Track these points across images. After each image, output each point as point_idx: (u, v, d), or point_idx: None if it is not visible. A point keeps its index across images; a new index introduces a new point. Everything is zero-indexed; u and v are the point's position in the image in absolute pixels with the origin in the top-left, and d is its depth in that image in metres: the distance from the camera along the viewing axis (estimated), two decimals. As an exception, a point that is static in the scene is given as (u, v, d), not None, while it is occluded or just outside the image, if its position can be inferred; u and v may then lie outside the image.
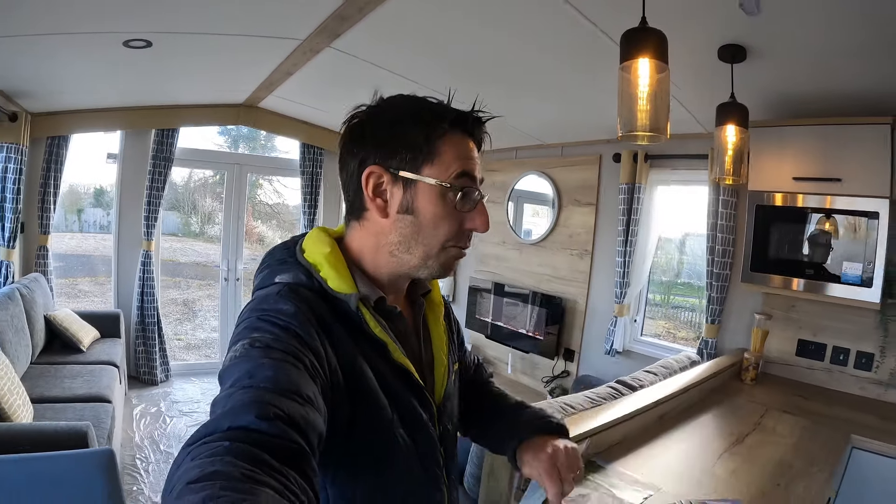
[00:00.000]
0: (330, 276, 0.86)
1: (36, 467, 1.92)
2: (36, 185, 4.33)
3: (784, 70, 2.45)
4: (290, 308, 0.78)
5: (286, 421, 0.60)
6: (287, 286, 0.84)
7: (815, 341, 2.99)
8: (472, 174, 0.88)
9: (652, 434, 2.02)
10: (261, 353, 0.70)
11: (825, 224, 2.71)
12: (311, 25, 2.73)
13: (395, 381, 0.86)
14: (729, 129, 2.40)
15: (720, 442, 2.04)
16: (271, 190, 8.53)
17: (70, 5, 2.43)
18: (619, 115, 1.68)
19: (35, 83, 3.64)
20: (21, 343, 3.44)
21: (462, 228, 0.89)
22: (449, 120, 0.87)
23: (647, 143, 1.80)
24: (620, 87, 1.67)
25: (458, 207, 0.87)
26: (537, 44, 2.66)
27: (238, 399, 0.62)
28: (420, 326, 1.01)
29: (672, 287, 4.49)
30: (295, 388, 0.66)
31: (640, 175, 3.70)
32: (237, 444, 0.55)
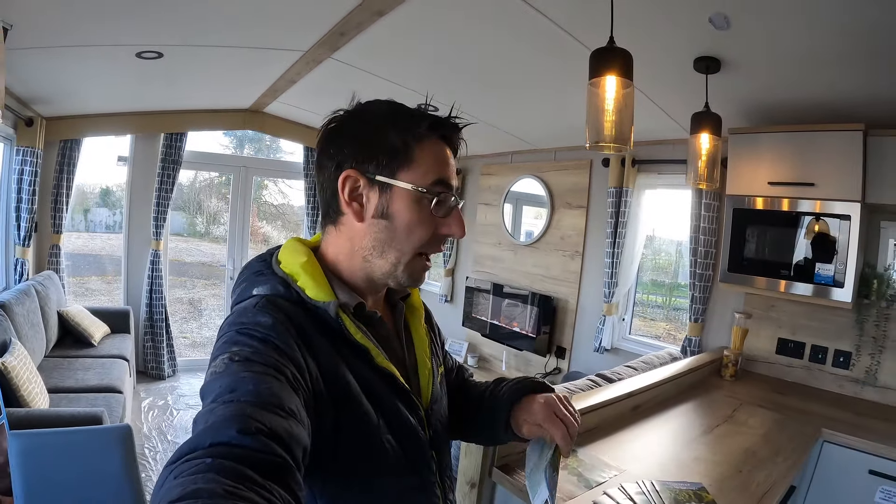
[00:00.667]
0: (307, 286, 0.85)
1: (61, 440, 2.10)
2: (49, 186, 4.50)
3: (758, 79, 2.55)
4: (269, 320, 0.77)
5: (269, 435, 0.60)
6: (264, 298, 0.83)
7: (794, 340, 3.08)
8: (448, 181, 0.87)
9: (625, 423, 2.14)
10: (241, 366, 0.69)
11: (801, 227, 2.78)
12: (313, 39, 2.89)
13: (380, 387, 0.85)
14: (703, 137, 2.51)
15: (690, 431, 2.14)
16: (276, 191, 8.53)
17: (88, 21, 2.60)
18: (588, 127, 1.78)
19: (51, 90, 3.80)
20: (37, 337, 3.61)
21: (437, 234, 0.88)
22: (426, 125, 0.87)
23: (613, 152, 1.93)
24: (589, 101, 1.77)
25: (434, 213, 0.86)
26: (528, 56, 2.79)
27: (219, 414, 0.61)
28: (401, 330, 1.00)
29: (674, 289, 4.58)
30: (277, 402, 0.65)
31: (627, 179, 3.82)
32: (219, 460, 0.54)
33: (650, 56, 2.40)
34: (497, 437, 1.08)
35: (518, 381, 1.08)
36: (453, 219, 0.89)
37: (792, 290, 2.80)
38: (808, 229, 2.75)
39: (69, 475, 2.06)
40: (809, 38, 2.11)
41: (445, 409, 1.04)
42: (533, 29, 2.40)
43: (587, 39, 2.38)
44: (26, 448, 2.01)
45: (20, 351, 2.88)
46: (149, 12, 2.56)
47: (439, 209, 0.87)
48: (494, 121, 4.06)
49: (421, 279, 0.92)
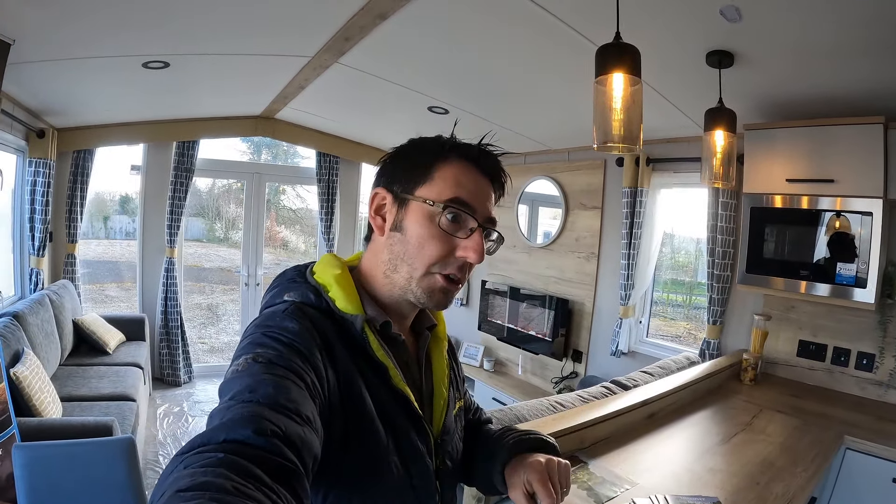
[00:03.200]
0: (338, 297, 0.86)
1: (66, 451, 2.10)
2: (63, 196, 4.56)
3: (772, 73, 2.48)
4: (295, 326, 0.78)
5: (283, 439, 0.60)
6: (294, 304, 0.84)
7: (815, 342, 2.99)
8: (466, 201, 0.87)
9: (639, 432, 2.05)
10: (263, 368, 0.70)
11: (821, 225, 2.70)
12: (318, 44, 2.87)
13: (393, 408, 0.85)
14: (717, 134, 2.43)
15: (706, 440, 2.06)
16: (294, 195, 8.58)
17: (93, 33, 2.61)
18: (595, 127, 1.72)
19: (62, 102, 3.84)
20: (51, 346, 3.63)
21: (452, 254, 0.87)
22: (449, 146, 0.91)
23: (622, 153, 1.87)
24: (596, 100, 1.70)
25: (447, 230, 0.86)
26: (538, 55, 2.74)
27: (236, 412, 0.62)
28: (422, 358, 0.99)
29: (694, 287, 4.50)
30: (294, 407, 0.65)
31: (642, 178, 3.75)
32: (231, 456, 0.55)
33: (662, 51, 2.35)
34: (490, 483, 1.04)
35: (527, 434, 1.06)
36: (471, 241, 0.87)
37: (812, 292, 2.72)
38: (828, 227, 2.67)
39: (73, 487, 2.06)
40: (825, 29, 2.03)
41: (458, 444, 1.04)
42: (541, 27, 2.35)
43: (596, 36, 2.31)
44: (31, 459, 2.02)
45: (32, 361, 2.90)
46: (151, 24, 2.58)
47: (455, 228, 0.87)
48: (506, 122, 4.00)
49: (440, 298, 0.90)
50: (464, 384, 1.16)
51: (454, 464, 1.00)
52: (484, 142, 0.93)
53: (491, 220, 0.91)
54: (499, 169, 0.94)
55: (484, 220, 0.89)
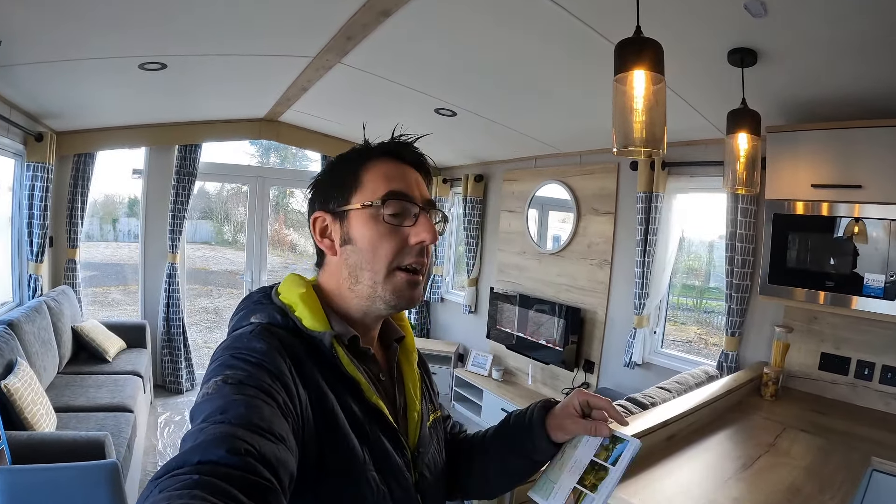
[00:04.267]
0: (304, 316, 0.86)
1: (43, 477, 2.00)
2: (64, 200, 4.49)
3: (797, 72, 2.36)
4: (263, 346, 0.77)
5: (257, 457, 0.60)
6: (260, 325, 0.84)
7: (838, 355, 2.85)
8: (400, 191, 0.89)
9: (657, 457, 1.93)
10: (233, 389, 0.69)
11: (847, 233, 2.56)
12: (319, 44, 2.77)
13: (368, 423, 0.85)
14: (741, 137, 2.31)
15: (728, 465, 1.94)
16: (302, 198, 8.62)
17: (87, 34, 2.53)
18: (615, 129, 1.62)
19: (60, 105, 3.77)
20: (48, 354, 3.55)
21: (406, 244, 0.88)
22: (367, 150, 0.93)
23: (644, 157, 1.75)
24: (615, 100, 1.60)
25: (393, 223, 0.88)
26: (550, 55, 2.63)
27: (209, 433, 0.61)
28: (394, 370, 1.00)
29: (704, 291, 4.38)
30: (267, 426, 0.65)
31: (657, 183, 3.61)
32: (206, 477, 0.54)
33: (679, 49, 2.22)
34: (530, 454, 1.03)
35: (536, 403, 1.07)
36: (420, 225, 0.89)
37: (839, 304, 2.57)
38: (856, 236, 2.53)
39: (56, 513, 1.95)
40: (855, 23, 1.89)
41: (438, 456, 1.02)
42: (553, 24, 2.24)
43: (612, 32, 2.21)
44: (11, 484, 1.91)
45: (25, 371, 2.81)
46: (145, 24, 2.49)
47: (400, 219, 0.88)
48: (516, 124, 3.89)
49: (409, 294, 0.90)
50: (437, 396, 1.14)
51: (434, 477, 0.98)
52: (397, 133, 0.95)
53: (430, 203, 0.92)
54: (418, 155, 0.95)
55: (424, 203, 0.91)
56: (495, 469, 1.08)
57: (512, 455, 1.04)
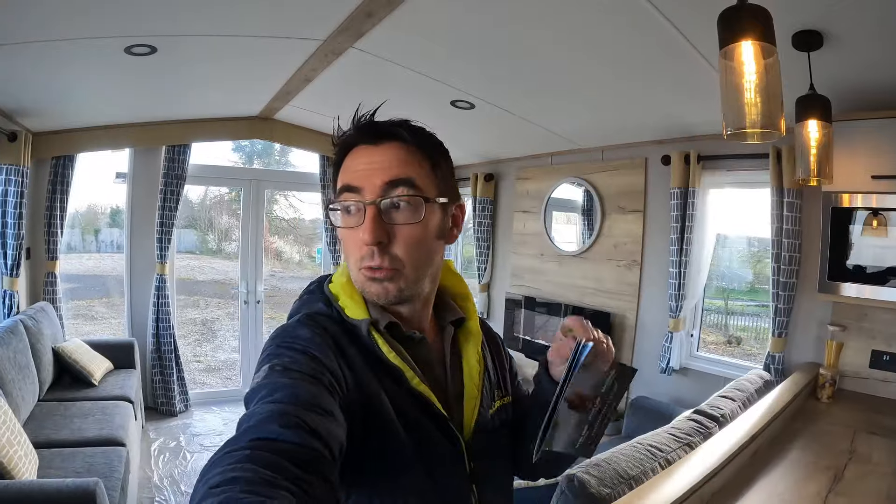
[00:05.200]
0: (346, 305, 0.87)
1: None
2: (41, 208, 4.11)
3: (861, 57, 2.18)
4: (307, 333, 0.80)
5: (308, 431, 0.61)
6: (307, 315, 0.86)
7: (889, 352, 2.71)
8: (350, 185, 0.83)
9: (749, 476, 1.77)
10: (280, 374, 0.71)
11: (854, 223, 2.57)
12: (333, 24, 2.45)
13: (414, 410, 0.83)
14: (811, 125, 2.16)
15: (820, 478, 1.79)
16: (287, 205, 8.49)
17: (64, 7, 2.16)
18: (724, 112, 1.46)
19: (36, 100, 3.42)
20: (26, 380, 3.18)
21: (362, 247, 0.82)
22: (338, 147, 0.88)
23: (759, 140, 1.55)
24: (722, 78, 1.44)
25: (346, 225, 0.84)
26: (576, 37, 2.41)
27: (260, 413, 0.63)
28: (446, 355, 0.95)
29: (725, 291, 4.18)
30: (315, 401, 0.67)
31: (693, 178, 3.37)
32: (258, 452, 0.55)
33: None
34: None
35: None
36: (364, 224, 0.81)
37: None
38: (864, 227, 2.56)
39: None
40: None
41: (501, 444, 0.99)
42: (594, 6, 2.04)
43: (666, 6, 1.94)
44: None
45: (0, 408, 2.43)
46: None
47: (353, 220, 0.83)
48: (537, 118, 3.61)
49: (374, 288, 0.84)
50: (514, 378, 1.11)
51: (495, 465, 0.95)
52: (359, 114, 0.87)
53: (393, 184, 0.81)
54: (378, 125, 0.85)
55: (379, 190, 0.81)
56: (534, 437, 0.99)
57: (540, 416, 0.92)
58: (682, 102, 2.98)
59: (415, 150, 0.85)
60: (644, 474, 1.68)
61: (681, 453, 1.87)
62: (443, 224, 0.89)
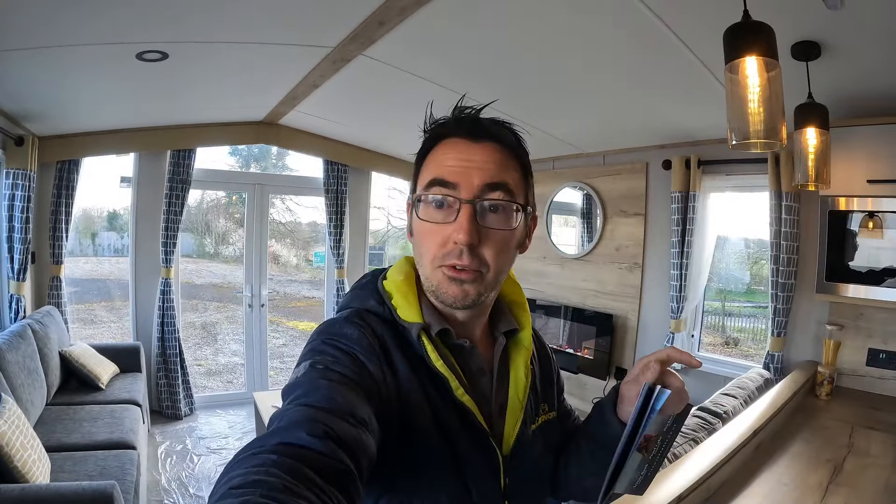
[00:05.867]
0: (400, 305, 0.85)
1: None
2: (46, 212, 4.11)
3: (858, 66, 2.25)
4: (354, 332, 0.78)
5: (336, 441, 0.60)
6: (356, 311, 0.85)
7: (886, 350, 2.79)
8: (445, 179, 0.79)
9: (753, 468, 1.85)
10: (320, 374, 0.70)
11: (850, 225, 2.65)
12: (344, 32, 2.48)
13: (454, 420, 0.81)
14: (809, 132, 2.25)
15: (821, 470, 1.87)
16: (284, 208, 8.48)
17: (77, 14, 2.19)
18: (730, 122, 1.55)
19: (43, 105, 3.42)
20: (35, 385, 3.19)
21: (448, 243, 0.79)
22: (430, 133, 0.85)
23: (762, 150, 1.61)
24: (728, 90, 1.54)
25: (432, 220, 0.80)
26: (579, 45, 2.46)
27: (292, 416, 0.62)
28: (495, 366, 0.91)
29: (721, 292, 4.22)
30: (349, 410, 0.65)
31: (693, 182, 3.45)
32: (284, 458, 0.55)
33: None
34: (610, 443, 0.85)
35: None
36: (455, 222, 0.78)
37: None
38: (860, 229, 2.64)
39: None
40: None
41: (541, 462, 0.95)
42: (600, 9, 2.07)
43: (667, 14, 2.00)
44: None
45: (12, 411, 2.44)
46: (148, 5, 2.17)
47: (442, 214, 0.80)
48: (540, 123, 3.64)
49: (453, 290, 0.81)
50: (560, 394, 1.08)
51: (531, 483, 0.92)
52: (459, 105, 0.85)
53: (493, 187, 0.79)
54: (484, 124, 0.83)
55: (477, 191, 0.79)
56: (586, 464, 0.96)
57: (594, 445, 0.92)
58: (683, 108, 3.03)
59: (512, 155, 0.84)
60: None
61: (687, 448, 1.92)
62: (524, 233, 0.88)
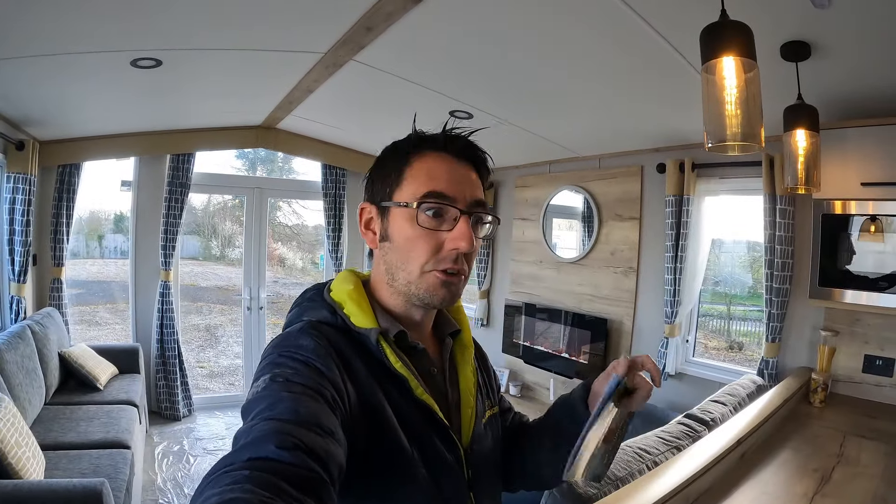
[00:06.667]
0: (353, 313, 0.87)
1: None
2: (48, 215, 4.17)
3: (850, 66, 2.21)
4: (310, 343, 0.79)
5: (306, 451, 0.60)
6: (310, 323, 0.86)
7: (882, 356, 2.75)
8: (441, 192, 0.85)
9: (736, 478, 1.80)
10: (281, 386, 0.70)
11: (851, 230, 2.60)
12: (334, 37, 2.51)
13: (417, 419, 0.84)
14: (799, 134, 2.20)
15: (807, 480, 1.82)
16: (290, 211, 8.53)
17: (71, 22, 2.23)
18: (706, 124, 1.50)
19: (43, 110, 3.48)
20: (33, 385, 3.24)
21: (441, 250, 0.85)
22: (415, 143, 0.89)
23: (739, 153, 1.59)
24: (705, 92, 1.49)
25: (429, 227, 0.84)
26: (572, 49, 2.45)
27: (259, 430, 0.62)
28: (446, 365, 0.98)
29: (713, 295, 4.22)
30: (315, 420, 0.65)
31: (688, 185, 3.43)
32: (257, 472, 0.55)
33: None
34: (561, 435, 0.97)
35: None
36: (456, 231, 0.85)
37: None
38: (861, 232, 2.59)
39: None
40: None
41: (493, 453, 1.01)
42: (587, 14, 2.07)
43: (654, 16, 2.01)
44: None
45: (8, 409, 2.49)
46: (142, 14, 2.21)
47: (437, 223, 0.85)
48: (534, 127, 3.66)
49: (444, 294, 0.87)
50: (498, 390, 1.13)
51: (489, 473, 0.98)
52: (449, 126, 0.92)
53: (479, 204, 0.88)
54: (473, 148, 0.92)
55: (468, 205, 0.87)
56: (546, 456, 1.04)
57: (560, 438, 0.98)
58: (676, 111, 3.03)
59: (484, 178, 0.94)
60: (631, 475, 1.71)
61: (669, 455, 1.89)
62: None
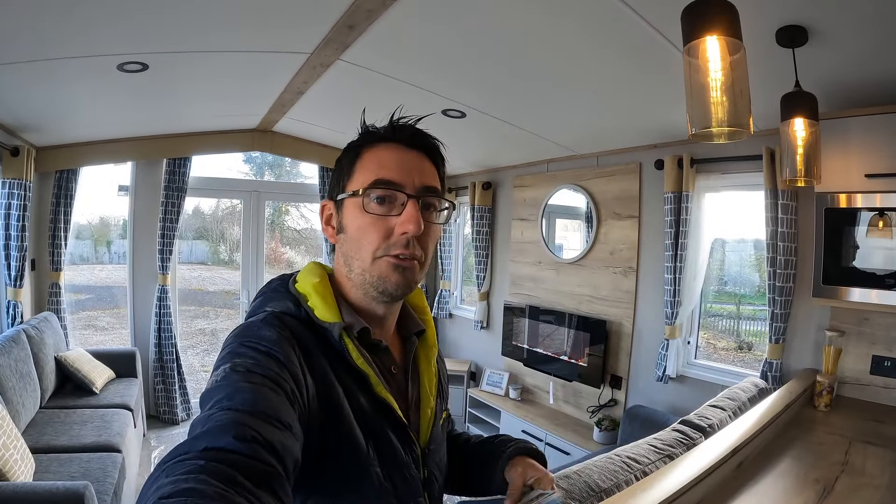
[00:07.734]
0: (317, 306, 0.87)
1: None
2: (46, 220, 4.20)
3: (851, 52, 2.10)
4: (273, 334, 0.78)
5: (263, 444, 0.60)
6: (272, 314, 0.85)
7: (890, 357, 2.63)
8: (388, 179, 0.86)
9: (732, 489, 1.69)
10: (241, 377, 0.70)
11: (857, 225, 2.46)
12: (317, 37, 2.49)
13: (376, 416, 0.84)
14: (797, 123, 2.08)
15: (808, 492, 1.71)
16: (298, 215, 8.57)
17: (52, 27, 2.23)
18: (689, 111, 1.41)
19: (36, 116, 3.49)
20: (27, 388, 3.24)
21: (391, 235, 0.86)
22: (362, 135, 0.92)
23: (726, 140, 1.51)
24: (687, 76, 1.39)
25: (377, 213, 0.86)
26: (567, 44, 2.39)
27: (216, 420, 0.62)
28: (409, 364, 0.98)
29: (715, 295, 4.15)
30: (274, 413, 0.66)
31: (686, 182, 3.35)
32: (212, 463, 0.55)
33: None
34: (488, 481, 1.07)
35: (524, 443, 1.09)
36: (404, 215, 0.85)
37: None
38: (869, 228, 2.44)
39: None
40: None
41: (444, 456, 1.03)
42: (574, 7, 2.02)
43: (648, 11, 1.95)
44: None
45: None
46: (124, 16, 2.20)
47: (386, 209, 0.86)
48: (530, 125, 3.61)
49: (396, 278, 0.87)
50: (447, 397, 1.13)
51: (442, 475, 0.99)
52: (396, 116, 0.93)
53: (430, 190, 0.89)
54: (422, 136, 0.92)
55: (418, 191, 0.87)
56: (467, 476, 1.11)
57: (479, 472, 1.08)
58: (673, 105, 2.94)
59: (438, 164, 0.94)
60: (617, 487, 1.62)
61: (659, 465, 1.80)
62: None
